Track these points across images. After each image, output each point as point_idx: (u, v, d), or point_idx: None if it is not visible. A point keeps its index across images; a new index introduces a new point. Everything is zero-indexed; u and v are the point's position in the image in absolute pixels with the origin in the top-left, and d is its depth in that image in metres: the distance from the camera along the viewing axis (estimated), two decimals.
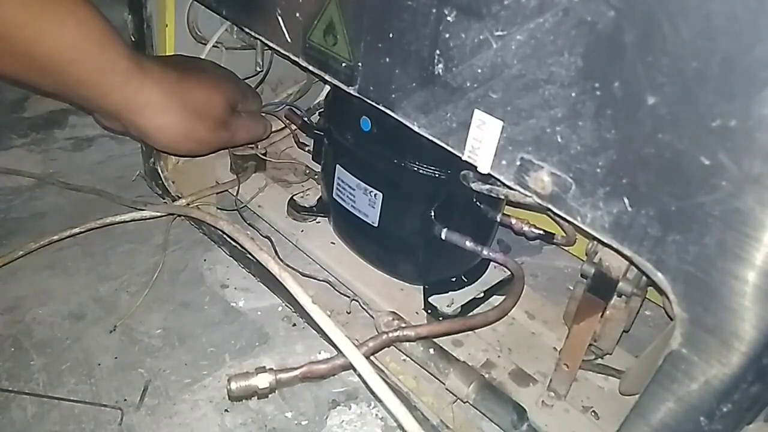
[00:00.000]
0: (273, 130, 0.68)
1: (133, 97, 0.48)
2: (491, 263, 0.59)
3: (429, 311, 0.55)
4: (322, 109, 0.68)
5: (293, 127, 0.69)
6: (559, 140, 0.31)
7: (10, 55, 0.43)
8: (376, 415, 0.54)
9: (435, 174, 0.49)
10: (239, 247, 0.56)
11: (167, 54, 0.64)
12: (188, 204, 0.65)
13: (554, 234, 0.53)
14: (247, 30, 0.54)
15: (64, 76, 0.45)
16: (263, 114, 0.66)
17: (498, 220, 0.55)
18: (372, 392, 0.42)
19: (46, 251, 0.64)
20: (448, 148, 0.37)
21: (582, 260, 0.45)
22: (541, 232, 0.53)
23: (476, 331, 0.56)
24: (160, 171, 0.70)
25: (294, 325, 0.62)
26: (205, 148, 0.57)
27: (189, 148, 0.55)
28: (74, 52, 0.44)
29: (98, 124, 0.55)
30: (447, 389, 0.49)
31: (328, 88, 0.67)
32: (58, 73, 0.45)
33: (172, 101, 0.51)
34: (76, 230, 0.64)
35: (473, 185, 0.47)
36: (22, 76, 0.46)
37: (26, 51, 0.43)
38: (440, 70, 0.35)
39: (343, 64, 0.41)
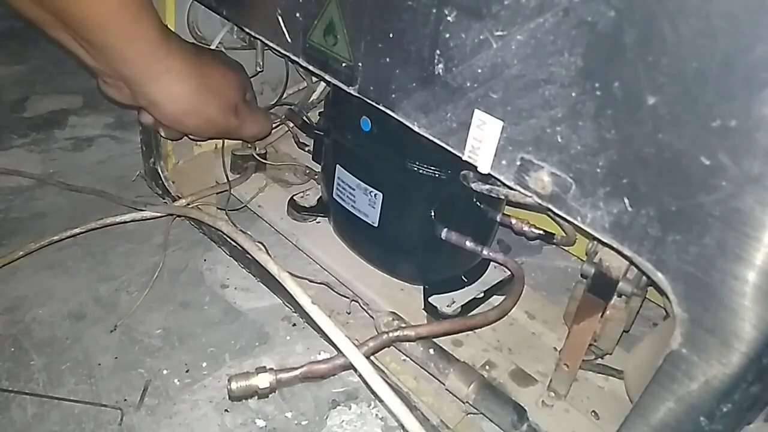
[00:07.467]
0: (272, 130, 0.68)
1: (156, 65, 0.48)
2: (491, 263, 0.59)
3: (429, 311, 0.55)
4: (322, 109, 0.68)
5: (293, 126, 0.69)
6: (559, 140, 0.31)
7: (44, 8, 0.43)
8: (376, 415, 0.54)
9: (435, 174, 0.49)
10: (239, 247, 0.56)
11: None
12: (188, 204, 0.65)
13: (554, 234, 0.53)
14: (247, 30, 0.54)
15: (90, 36, 0.45)
16: None
17: (498, 220, 0.55)
18: (372, 392, 0.42)
19: (46, 251, 0.64)
20: (448, 148, 0.37)
21: (582, 260, 0.45)
22: (541, 232, 0.53)
23: (476, 331, 0.56)
24: (160, 171, 0.70)
25: (294, 325, 0.62)
26: (210, 128, 0.55)
27: (195, 124, 0.54)
28: (109, 18, 0.44)
29: (100, 93, 0.53)
30: (447, 389, 0.49)
31: (328, 88, 0.67)
32: (86, 32, 0.45)
33: (192, 71, 0.51)
34: (76, 230, 0.64)
35: (473, 185, 0.47)
36: (45, 24, 0.45)
37: (63, 8, 0.43)
38: (440, 70, 0.35)
39: (343, 64, 0.41)
